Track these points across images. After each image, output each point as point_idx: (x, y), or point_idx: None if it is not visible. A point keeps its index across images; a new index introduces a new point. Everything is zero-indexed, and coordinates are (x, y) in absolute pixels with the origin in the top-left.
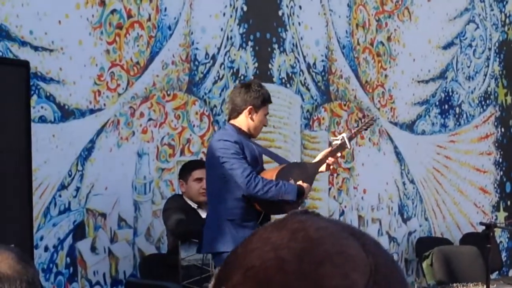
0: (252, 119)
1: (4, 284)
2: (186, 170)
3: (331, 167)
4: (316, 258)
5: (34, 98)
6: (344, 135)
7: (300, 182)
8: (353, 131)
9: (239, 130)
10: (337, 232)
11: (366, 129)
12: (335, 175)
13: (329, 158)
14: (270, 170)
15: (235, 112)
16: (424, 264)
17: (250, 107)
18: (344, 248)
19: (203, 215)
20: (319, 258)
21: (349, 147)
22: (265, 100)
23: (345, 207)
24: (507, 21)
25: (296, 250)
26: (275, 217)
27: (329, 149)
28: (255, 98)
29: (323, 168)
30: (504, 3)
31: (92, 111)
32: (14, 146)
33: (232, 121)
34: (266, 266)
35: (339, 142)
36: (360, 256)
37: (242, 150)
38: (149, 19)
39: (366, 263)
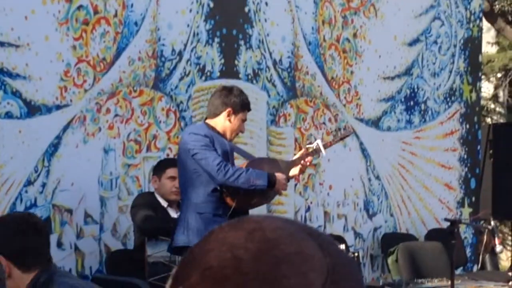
0: (229, 121)
1: None
2: (160, 167)
3: (308, 162)
4: (273, 259)
5: (0, 94)
6: (318, 141)
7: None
8: (328, 140)
9: (212, 128)
10: (294, 232)
11: (341, 140)
12: (306, 175)
13: (303, 161)
14: (241, 165)
15: (212, 114)
16: (389, 260)
17: (229, 109)
18: (301, 248)
19: (172, 214)
20: (276, 258)
21: (324, 153)
22: (244, 106)
23: (311, 203)
24: (472, 18)
25: (253, 250)
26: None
27: (304, 151)
28: (235, 102)
29: (295, 171)
30: (469, 0)
31: (58, 107)
32: None
33: (207, 121)
34: (223, 266)
35: (313, 147)
36: (317, 256)
37: (213, 144)
38: (115, 15)
39: (323, 263)
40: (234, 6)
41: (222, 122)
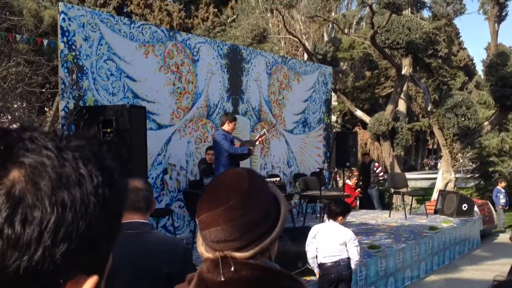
0: (229, 125)
1: (139, 192)
2: (206, 149)
3: (261, 140)
4: (213, 188)
5: (147, 121)
6: (264, 130)
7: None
8: (267, 129)
9: (224, 131)
10: (238, 174)
11: (272, 128)
12: (264, 150)
13: (259, 139)
14: (237, 144)
15: (222, 124)
16: (297, 184)
17: (228, 121)
18: (233, 181)
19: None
20: (212, 188)
21: (267, 134)
22: (233, 119)
23: (266, 162)
24: (327, 90)
25: (209, 185)
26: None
27: (258, 135)
28: (230, 118)
29: (256, 142)
30: (327, 85)
31: (169, 125)
32: (141, 144)
33: (222, 128)
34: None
35: (263, 132)
36: (241, 183)
37: (226, 138)
38: (191, 90)
39: (243, 187)
40: (237, 87)
41: (226, 127)
